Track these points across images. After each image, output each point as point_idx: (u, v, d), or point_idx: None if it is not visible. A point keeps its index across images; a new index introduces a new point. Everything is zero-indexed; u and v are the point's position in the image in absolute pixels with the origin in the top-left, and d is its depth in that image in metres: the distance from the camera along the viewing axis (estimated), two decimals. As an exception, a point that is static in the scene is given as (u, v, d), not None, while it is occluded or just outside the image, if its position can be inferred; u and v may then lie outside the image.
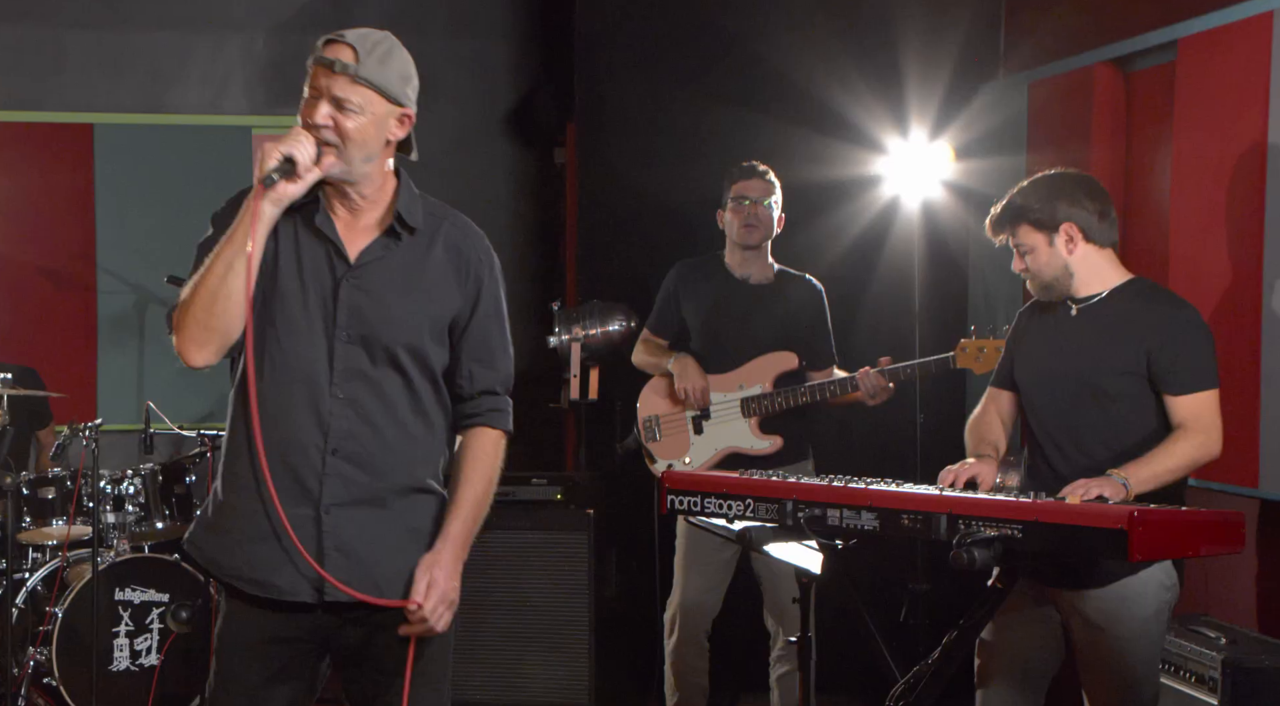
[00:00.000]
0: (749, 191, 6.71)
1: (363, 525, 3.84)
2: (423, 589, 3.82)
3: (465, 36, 9.48)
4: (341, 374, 3.82)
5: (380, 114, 3.84)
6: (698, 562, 6.65)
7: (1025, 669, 4.99)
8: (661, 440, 6.83)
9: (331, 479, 3.81)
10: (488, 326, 4.03)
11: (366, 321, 3.84)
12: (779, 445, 6.63)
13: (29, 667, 7.33)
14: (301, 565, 3.80)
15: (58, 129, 9.27)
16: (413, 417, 3.92)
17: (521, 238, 9.58)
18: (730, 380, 6.69)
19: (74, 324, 9.30)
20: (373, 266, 3.87)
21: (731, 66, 8.07)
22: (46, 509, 7.64)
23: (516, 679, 7.19)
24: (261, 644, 3.90)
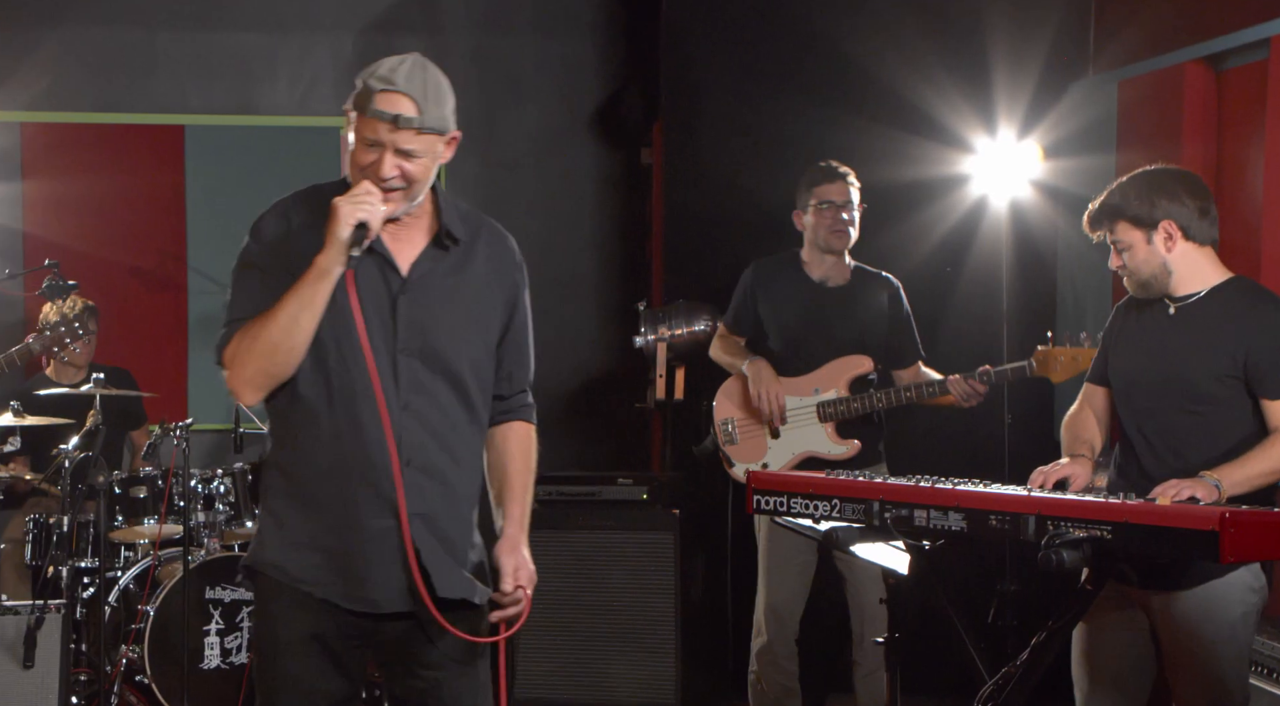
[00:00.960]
0: (833, 195, 6.66)
1: (439, 535, 3.90)
2: (510, 571, 3.92)
3: (552, 37, 9.49)
4: (407, 387, 3.86)
5: (436, 150, 3.90)
6: (780, 565, 6.63)
7: (1122, 673, 4.93)
8: (739, 443, 6.80)
9: (410, 490, 3.84)
10: (523, 330, 4.15)
11: (424, 335, 3.89)
12: (857, 449, 6.59)
13: (121, 665, 7.40)
14: (395, 576, 3.85)
15: (149, 130, 9.33)
16: (467, 427, 3.98)
17: (607, 238, 9.58)
18: (805, 384, 6.65)
19: (165, 324, 9.36)
20: (425, 279, 3.93)
21: (818, 65, 8.05)
22: (138, 508, 7.72)
23: (602, 679, 7.20)
24: (307, 641, 3.92)
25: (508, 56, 9.39)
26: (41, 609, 6.80)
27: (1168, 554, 4.22)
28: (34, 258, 8.76)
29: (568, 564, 7.30)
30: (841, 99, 7.85)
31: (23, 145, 9.16)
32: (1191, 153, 7.01)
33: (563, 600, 7.27)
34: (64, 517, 7.57)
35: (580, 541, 7.30)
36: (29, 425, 7.66)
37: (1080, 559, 3.95)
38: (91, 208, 9.22)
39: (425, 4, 9.27)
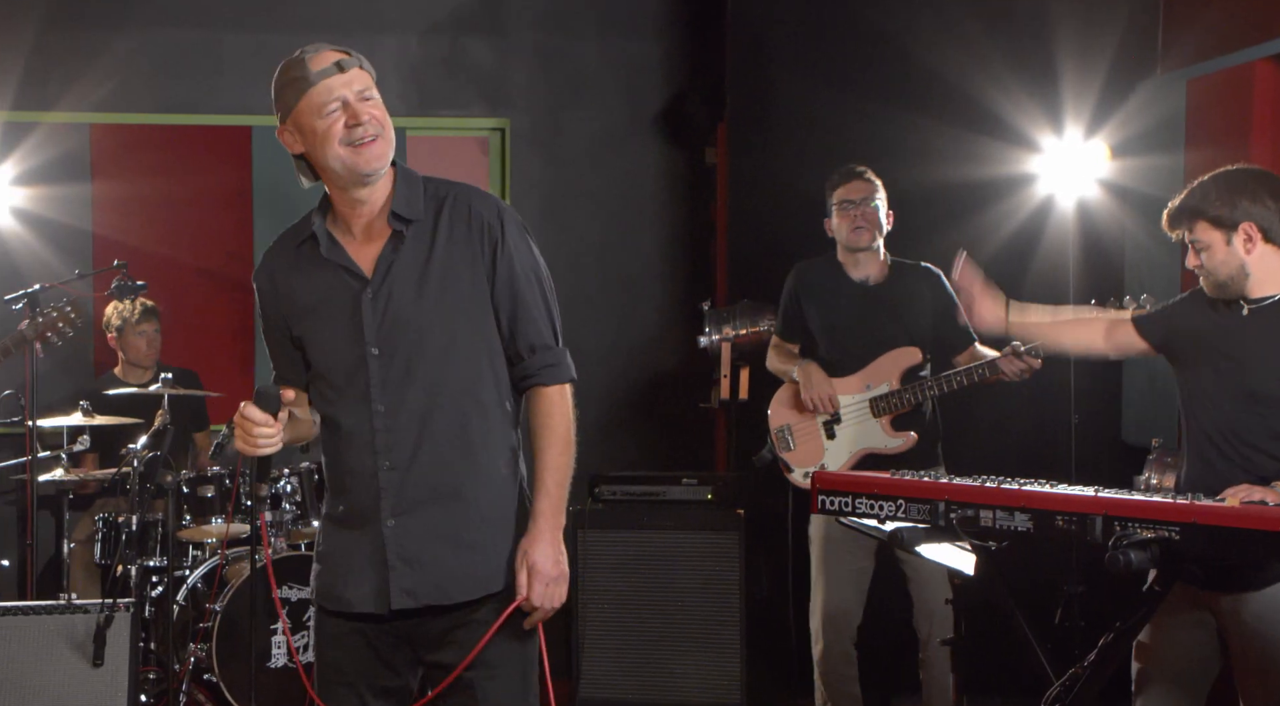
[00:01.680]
0: (851, 194, 6.68)
1: (431, 529, 3.89)
2: (523, 581, 3.86)
3: (616, 37, 9.50)
4: (378, 387, 3.87)
5: None
6: (835, 573, 6.62)
7: (1184, 673, 4.90)
8: (796, 449, 6.79)
9: (386, 491, 3.87)
10: (516, 283, 3.95)
11: (392, 330, 3.88)
12: (913, 440, 6.56)
13: (189, 663, 7.45)
14: (373, 579, 3.90)
15: (216, 131, 9.38)
16: (466, 410, 3.93)
17: (671, 238, 9.58)
18: (856, 381, 6.64)
19: (231, 324, 9.41)
20: (386, 276, 3.90)
21: (883, 65, 8.03)
22: (206, 507, 7.78)
23: (667, 678, 7.21)
24: (352, 634, 3.98)
25: (572, 56, 9.40)
26: (111, 607, 6.85)
27: (1236, 555, 4.17)
28: (103, 258, 8.82)
29: (633, 564, 7.31)
30: (907, 98, 7.83)
31: (92, 147, 9.22)
32: (1260, 151, 6.96)
33: (627, 600, 7.28)
34: (133, 517, 7.63)
35: (645, 541, 7.30)
36: (98, 424, 7.73)
37: (1148, 560, 3.92)
38: (159, 208, 9.27)
39: (489, 4, 9.29)
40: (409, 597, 3.86)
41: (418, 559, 3.87)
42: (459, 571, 3.88)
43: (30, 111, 8.99)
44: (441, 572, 3.87)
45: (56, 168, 9.05)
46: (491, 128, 9.35)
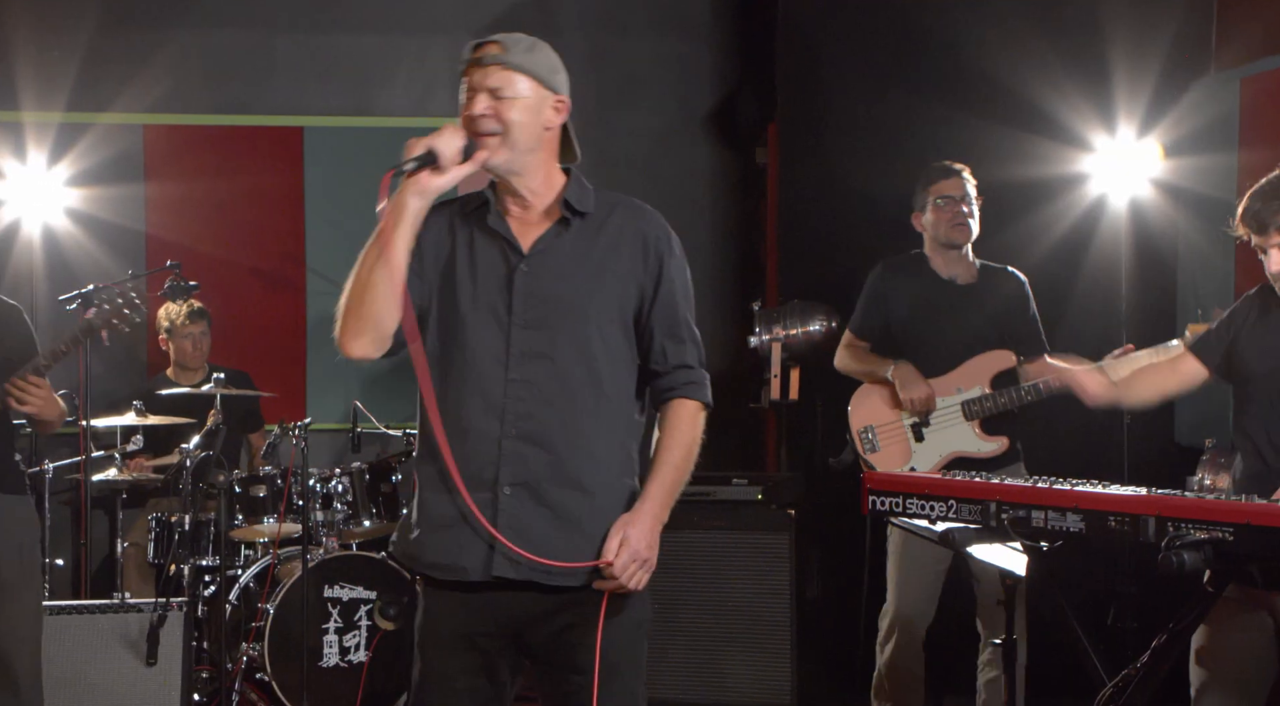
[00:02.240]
0: (951, 190, 6.62)
1: (545, 504, 3.88)
2: (614, 547, 3.85)
3: (667, 37, 9.50)
4: (517, 358, 3.87)
5: (535, 99, 3.99)
6: (912, 572, 6.57)
7: (1243, 676, 4.86)
8: (881, 450, 6.71)
9: (510, 460, 3.86)
10: (674, 303, 4.06)
11: (542, 305, 3.90)
12: (1005, 446, 6.51)
13: (242, 663, 7.47)
14: (478, 545, 3.87)
15: (269, 132, 9.42)
16: (594, 396, 3.94)
17: (722, 238, 9.58)
18: (947, 383, 6.58)
19: (284, 325, 9.44)
20: (546, 253, 3.95)
21: (934, 64, 8.01)
22: (258, 507, 7.79)
23: (717, 679, 7.20)
24: (457, 638, 3.95)
25: (623, 57, 9.40)
26: (164, 607, 6.89)
27: (1291, 556, 4.16)
28: (156, 259, 8.86)
29: (682, 564, 7.30)
30: (958, 98, 7.81)
31: (145, 147, 9.27)
32: (1315, 151, 6.93)
33: (678, 600, 7.27)
34: (185, 516, 7.67)
35: (695, 541, 7.29)
36: (151, 424, 7.76)
37: (1201, 561, 3.90)
38: (212, 209, 9.32)
39: (541, 5, 9.30)
40: (511, 567, 3.85)
41: (527, 532, 3.85)
42: (565, 555, 3.87)
43: (85, 112, 9.05)
44: (548, 551, 3.86)
45: (110, 168, 9.11)
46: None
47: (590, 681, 3.88)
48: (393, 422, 8.48)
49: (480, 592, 3.90)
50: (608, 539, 3.87)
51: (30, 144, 8.96)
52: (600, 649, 3.87)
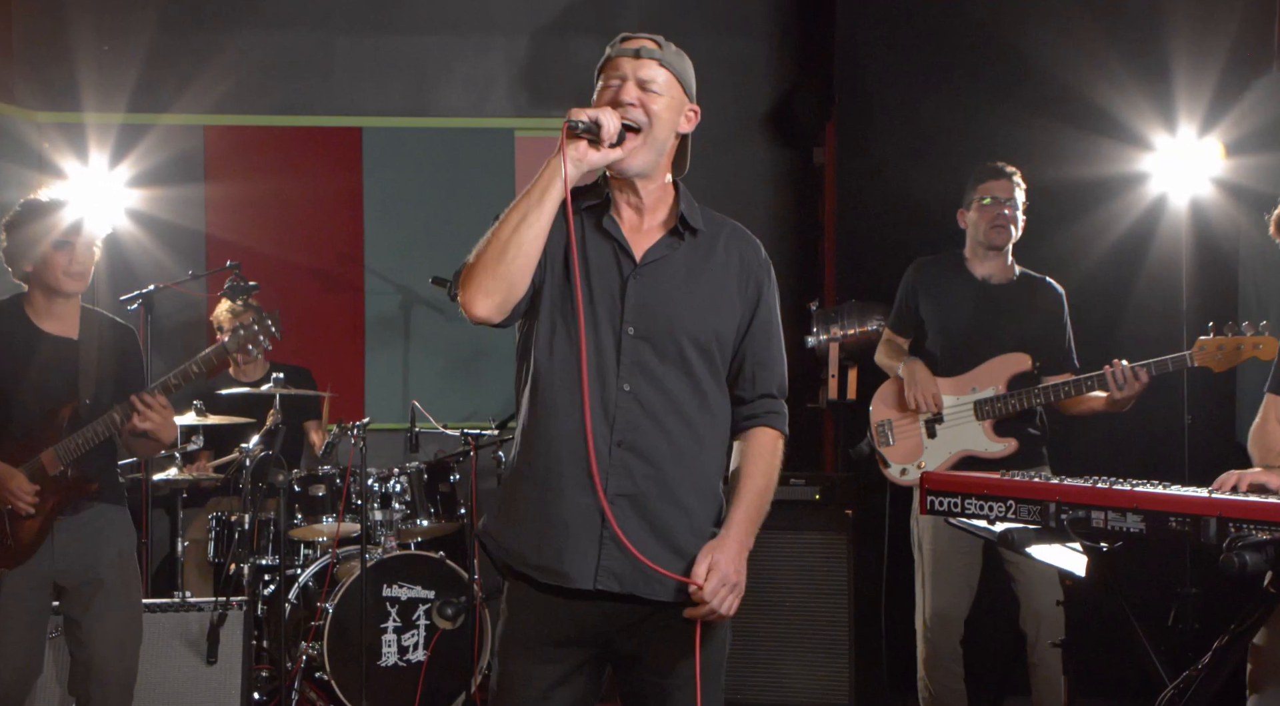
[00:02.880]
0: (996, 191, 6.62)
1: (646, 518, 3.87)
2: (703, 571, 3.84)
3: (725, 37, 9.50)
4: (628, 368, 3.87)
5: (677, 101, 4.05)
6: (944, 571, 6.59)
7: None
8: (895, 444, 6.76)
9: (617, 470, 3.85)
10: (768, 331, 4.08)
11: (653, 317, 3.90)
12: (1013, 447, 6.52)
13: (301, 662, 7.50)
14: (584, 552, 3.85)
15: (328, 132, 9.46)
16: (697, 415, 3.95)
17: (779, 238, 9.56)
18: (963, 382, 6.59)
19: (343, 324, 9.49)
20: (658, 264, 3.95)
21: (992, 63, 7.98)
22: (317, 506, 7.83)
23: (776, 678, 7.19)
24: (544, 646, 3.95)
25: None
26: (224, 605, 6.92)
27: (1354, 557, 4.13)
28: (216, 259, 8.92)
29: (739, 564, 7.29)
30: (1016, 97, 7.78)
31: (205, 148, 9.33)
32: (1378, 151, 6.88)
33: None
34: (245, 515, 7.70)
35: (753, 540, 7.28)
36: (211, 423, 7.80)
37: (1263, 562, 3.87)
38: (271, 209, 9.37)
39: (599, 5, 9.31)
40: (614, 580, 3.85)
41: (641, 542, 3.85)
42: (669, 565, 3.87)
43: (146, 114, 9.11)
44: (656, 560, 3.85)
45: (171, 169, 9.17)
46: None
47: (674, 685, 3.91)
48: (450, 422, 8.50)
49: (575, 599, 3.90)
50: (696, 563, 3.87)
51: (92, 145, 9.03)
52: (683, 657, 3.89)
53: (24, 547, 5.68)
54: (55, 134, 9.06)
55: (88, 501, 5.78)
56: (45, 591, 5.77)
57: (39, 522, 5.69)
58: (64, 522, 5.74)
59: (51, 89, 9.12)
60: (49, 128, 9.08)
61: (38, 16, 9.14)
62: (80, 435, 5.68)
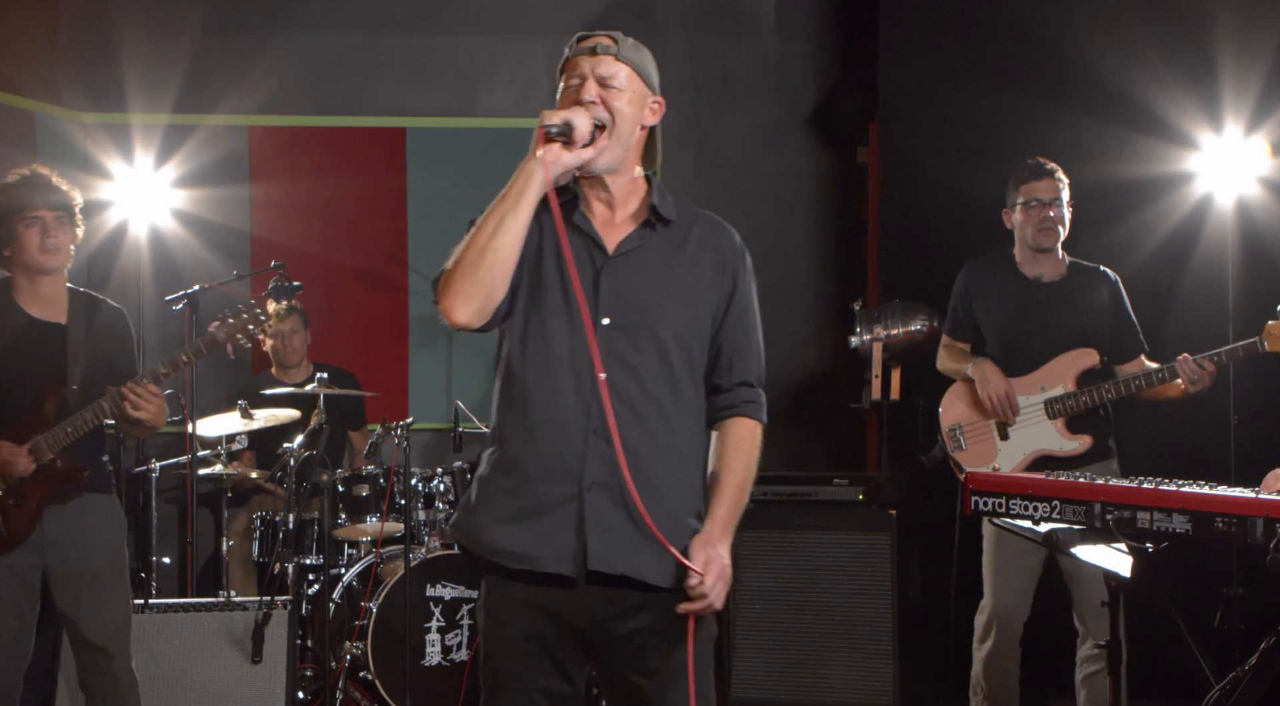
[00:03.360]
0: (1040, 193, 6.58)
1: (625, 506, 3.85)
2: (702, 562, 3.85)
3: (767, 37, 9.49)
4: (604, 358, 3.85)
5: (639, 94, 4.03)
6: (1007, 569, 6.56)
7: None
8: (968, 448, 6.73)
9: (593, 458, 3.85)
10: (744, 320, 4.08)
11: (628, 307, 3.91)
12: (1089, 444, 6.48)
13: (345, 661, 7.52)
14: (562, 540, 3.85)
15: (371, 133, 9.49)
16: (674, 404, 3.95)
17: (822, 237, 9.56)
18: (1031, 382, 6.57)
19: (386, 325, 9.51)
20: (631, 255, 3.97)
21: (1036, 62, 7.95)
22: (361, 506, 7.85)
23: (819, 680, 7.18)
24: (528, 641, 3.94)
25: (724, 56, 9.40)
26: (269, 605, 6.95)
27: (1405, 558, 4.10)
28: (260, 259, 8.95)
29: (783, 564, 7.29)
30: (1060, 95, 7.75)
31: (250, 149, 9.36)
32: None
33: (779, 601, 7.26)
34: (289, 515, 7.73)
35: (796, 542, 7.28)
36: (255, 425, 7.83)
37: (1312, 563, 3.85)
38: (316, 210, 9.40)
39: (642, 4, 9.32)
40: (605, 564, 3.84)
41: (612, 530, 3.85)
42: (649, 556, 3.87)
43: (191, 114, 9.15)
44: (634, 551, 3.86)
45: (216, 170, 9.21)
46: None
47: (658, 686, 3.90)
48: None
49: (553, 588, 3.89)
50: (693, 555, 3.87)
51: (138, 146, 9.07)
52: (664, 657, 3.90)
53: (14, 537, 5.68)
54: (101, 135, 9.10)
55: (77, 491, 5.78)
56: (35, 580, 5.76)
57: (31, 511, 5.70)
58: (54, 512, 5.73)
59: (97, 90, 9.16)
60: (95, 128, 9.12)
61: (84, 18, 9.18)
62: (69, 423, 5.66)
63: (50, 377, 5.74)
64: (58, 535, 5.75)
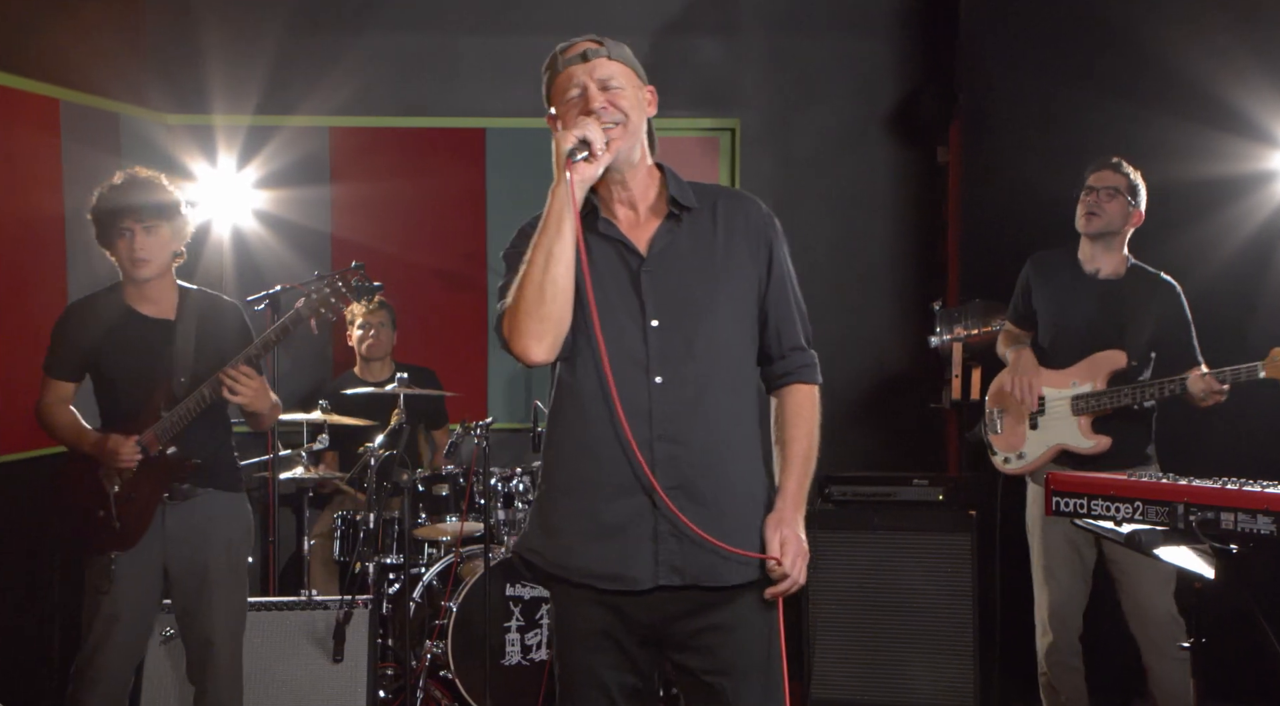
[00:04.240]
0: (1094, 181, 6.61)
1: (702, 503, 3.88)
2: (776, 545, 3.89)
3: (848, 36, 9.47)
4: (657, 360, 3.88)
5: (636, 88, 4.08)
6: (1056, 564, 6.58)
7: None
8: (1002, 433, 6.79)
9: (662, 463, 3.86)
10: (784, 286, 4.11)
11: (672, 305, 3.92)
12: (1105, 445, 6.47)
13: (426, 660, 7.55)
14: (642, 554, 3.87)
15: (452, 133, 9.50)
16: (731, 391, 3.97)
17: (902, 237, 9.52)
18: (1065, 376, 6.58)
19: (466, 325, 9.53)
20: (665, 252, 3.99)
21: (1118, 60, 7.90)
22: (441, 505, 7.87)
23: (900, 681, 7.17)
24: (602, 638, 3.97)
25: (803, 55, 9.38)
26: (350, 604, 6.99)
27: None
28: (341, 259, 9.00)
29: (864, 565, 7.29)
30: (1142, 94, 7.70)
31: (331, 149, 9.41)
32: None
33: (858, 601, 7.26)
34: (370, 514, 7.77)
35: (876, 542, 7.27)
36: (336, 423, 7.87)
37: (1398, 564, 3.82)
38: (395, 210, 9.43)
39: (721, 4, 9.31)
40: (675, 574, 3.86)
41: (685, 537, 3.86)
42: (721, 556, 3.88)
43: (273, 116, 9.20)
44: (709, 552, 3.87)
45: (297, 170, 9.26)
46: (722, 127, 9.37)
47: (733, 682, 3.92)
48: (573, 422, 8.51)
49: (630, 596, 3.92)
50: (766, 540, 3.91)
51: (220, 147, 9.14)
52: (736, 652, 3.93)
53: (133, 530, 5.76)
54: (185, 136, 9.16)
55: (199, 487, 5.86)
56: (156, 576, 5.86)
57: (144, 503, 5.78)
58: (175, 507, 5.82)
59: (181, 92, 9.22)
60: (179, 130, 9.18)
61: (168, 21, 9.25)
62: (175, 412, 5.75)
63: (159, 373, 5.83)
64: (177, 531, 5.84)
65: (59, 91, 8.06)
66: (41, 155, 7.95)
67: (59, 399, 5.94)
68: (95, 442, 5.80)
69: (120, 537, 5.76)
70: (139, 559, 5.78)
